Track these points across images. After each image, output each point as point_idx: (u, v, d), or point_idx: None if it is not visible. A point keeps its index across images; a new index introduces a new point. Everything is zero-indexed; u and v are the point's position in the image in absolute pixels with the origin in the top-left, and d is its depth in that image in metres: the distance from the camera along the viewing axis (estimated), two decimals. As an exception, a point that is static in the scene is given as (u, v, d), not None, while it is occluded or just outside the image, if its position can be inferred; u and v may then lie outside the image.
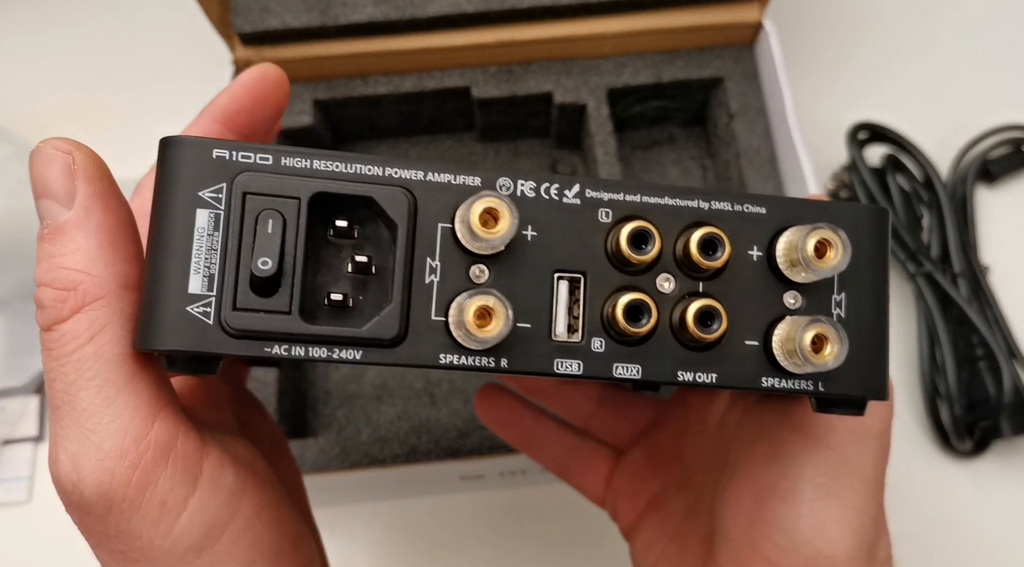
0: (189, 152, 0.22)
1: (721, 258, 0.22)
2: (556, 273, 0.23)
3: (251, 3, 0.48)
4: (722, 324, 0.22)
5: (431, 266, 0.22)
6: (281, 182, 0.22)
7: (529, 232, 0.23)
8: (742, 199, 0.23)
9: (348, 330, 0.22)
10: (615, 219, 0.23)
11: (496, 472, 0.47)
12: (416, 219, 0.22)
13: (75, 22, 0.62)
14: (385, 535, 0.50)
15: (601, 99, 0.50)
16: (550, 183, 0.23)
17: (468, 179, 0.22)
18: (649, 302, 0.22)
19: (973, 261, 0.52)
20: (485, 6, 0.48)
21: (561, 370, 0.22)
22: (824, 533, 0.27)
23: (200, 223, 0.21)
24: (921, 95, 0.59)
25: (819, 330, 0.22)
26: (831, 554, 0.27)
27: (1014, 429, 0.49)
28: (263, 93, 0.29)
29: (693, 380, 0.23)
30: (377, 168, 0.22)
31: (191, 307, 0.21)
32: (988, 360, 0.48)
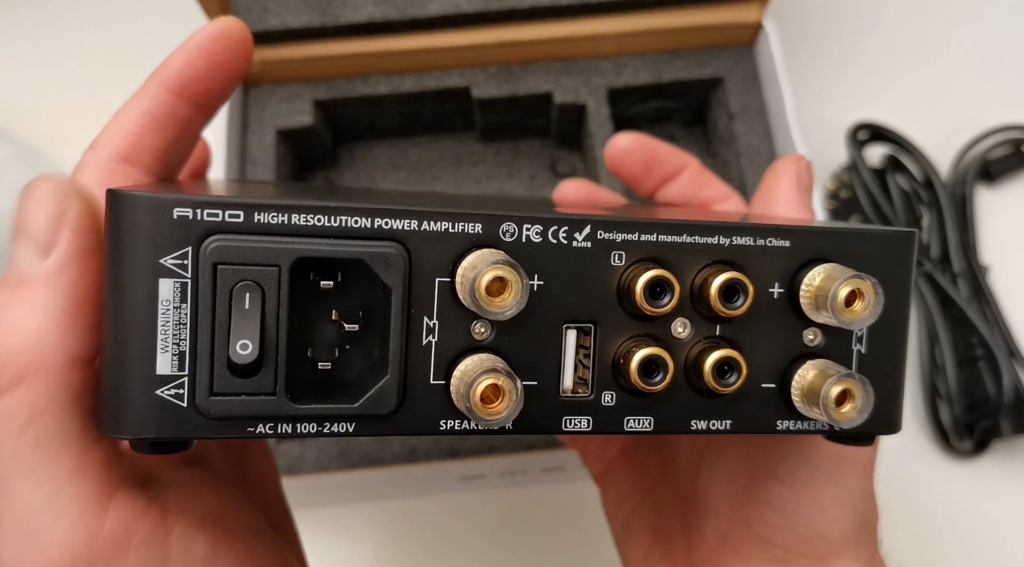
0: (146, 212, 0.18)
1: (743, 306, 0.21)
2: (565, 323, 0.21)
3: (251, 3, 0.48)
4: (741, 375, 0.21)
5: (428, 325, 0.20)
6: (256, 247, 0.19)
7: (536, 281, 0.20)
8: (765, 233, 0.21)
9: (341, 407, 0.20)
10: (629, 262, 0.21)
11: (496, 472, 0.47)
12: (411, 276, 0.20)
13: (76, 22, 0.62)
14: (385, 535, 0.50)
15: (601, 99, 0.50)
16: (558, 225, 0.20)
17: (468, 226, 0.20)
18: (665, 357, 0.20)
19: (973, 261, 0.52)
20: (485, 6, 0.48)
21: (570, 428, 0.21)
22: (822, 516, 0.27)
23: (164, 295, 0.19)
24: (921, 95, 0.59)
25: (847, 386, 0.20)
26: (828, 535, 0.27)
27: (1014, 429, 0.49)
28: (222, 55, 0.24)
29: (707, 428, 0.22)
30: (366, 220, 0.19)
31: (161, 390, 0.19)
32: (988, 360, 0.48)
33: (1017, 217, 0.55)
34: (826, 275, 0.21)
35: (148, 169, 0.25)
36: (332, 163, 0.55)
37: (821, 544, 0.27)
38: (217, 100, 0.26)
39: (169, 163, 0.26)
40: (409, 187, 0.54)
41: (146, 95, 0.24)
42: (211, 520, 0.23)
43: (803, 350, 0.22)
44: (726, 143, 0.51)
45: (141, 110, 0.24)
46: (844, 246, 0.22)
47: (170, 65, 0.24)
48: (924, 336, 0.51)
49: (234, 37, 0.24)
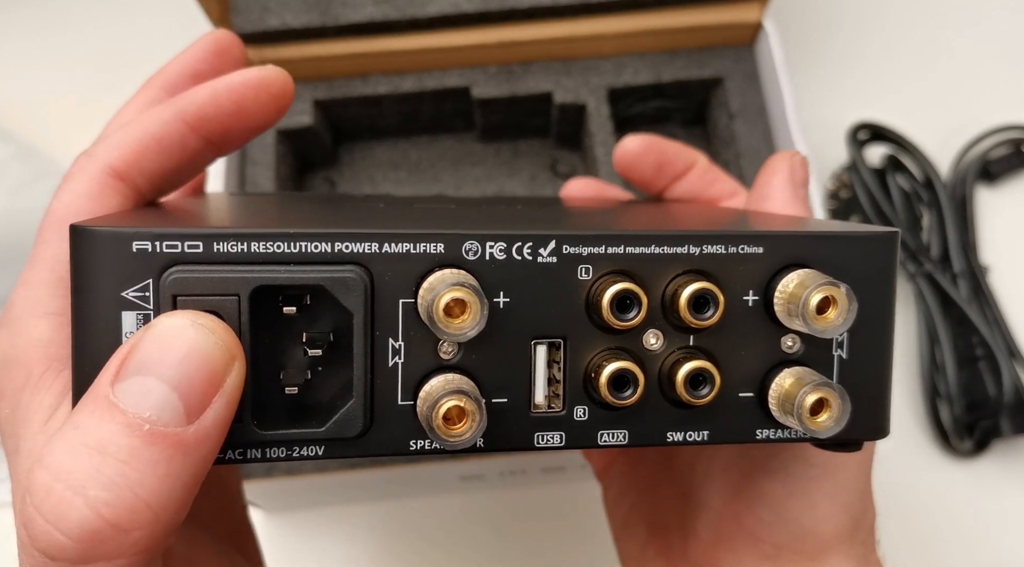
0: (106, 247, 0.18)
1: (713, 317, 0.20)
2: (533, 340, 0.20)
3: (251, 3, 0.48)
4: (715, 386, 0.21)
5: (394, 347, 0.20)
6: (215, 278, 0.19)
7: (501, 299, 0.20)
8: (737, 240, 0.21)
9: (307, 432, 0.20)
10: (596, 275, 0.20)
11: (496, 472, 0.47)
12: (374, 298, 0.19)
13: (76, 22, 0.62)
14: (385, 535, 0.50)
15: (601, 99, 0.50)
16: (523, 241, 0.20)
17: (430, 246, 0.19)
18: (635, 370, 0.20)
19: (973, 261, 0.52)
20: (485, 6, 0.48)
21: (542, 444, 0.21)
22: (815, 512, 0.27)
23: (128, 327, 0.19)
24: (921, 95, 0.59)
25: (822, 395, 0.20)
26: (820, 532, 0.27)
27: (1014, 429, 0.49)
28: (254, 105, 0.23)
29: (684, 440, 0.21)
30: (326, 244, 0.19)
31: None
32: (988, 360, 0.48)
33: (1017, 217, 0.55)
34: (799, 282, 0.20)
35: (138, 189, 0.24)
36: (332, 163, 0.55)
37: (812, 542, 0.27)
38: (234, 144, 0.25)
39: (163, 188, 0.25)
40: (409, 188, 0.54)
41: (159, 118, 0.24)
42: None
43: (781, 358, 0.21)
44: (726, 143, 0.51)
45: (149, 132, 0.24)
46: (820, 251, 0.21)
47: (193, 97, 0.24)
48: (924, 336, 0.51)
49: (273, 89, 0.23)
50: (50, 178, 0.53)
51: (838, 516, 0.27)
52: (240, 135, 0.24)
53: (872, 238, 0.21)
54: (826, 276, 0.20)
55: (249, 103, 0.24)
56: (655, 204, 0.35)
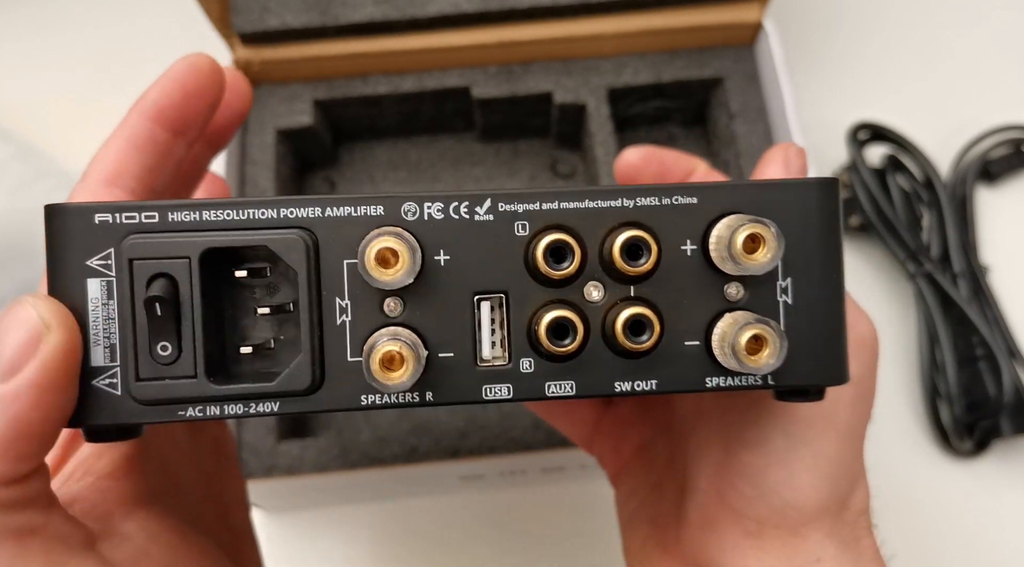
0: (71, 220, 0.20)
1: (647, 263, 0.21)
2: (476, 295, 0.21)
3: (251, 3, 0.48)
4: (654, 332, 0.21)
5: (341, 306, 0.21)
6: (167, 243, 0.20)
7: (442, 256, 0.21)
8: (670, 191, 0.22)
9: (259, 386, 0.21)
10: (533, 231, 0.21)
11: (496, 472, 0.47)
12: (319, 259, 0.21)
13: (76, 22, 0.62)
14: (385, 535, 0.50)
15: (601, 99, 0.50)
16: (459, 201, 0.21)
17: (370, 209, 0.21)
18: (574, 318, 0.21)
19: (973, 261, 0.52)
20: (485, 6, 0.48)
21: (490, 396, 0.21)
22: (793, 483, 0.27)
23: (93, 293, 0.20)
24: (921, 95, 0.59)
25: (755, 331, 0.20)
26: (800, 504, 0.27)
27: (1014, 429, 0.49)
28: (194, 87, 0.27)
29: (632, 389, 0.22)
30: (271, 211, 0.21)
31: (97, 381, 0.21)
32: (988, 360, 0.48)
33: (1017, 217, 0.55)
34: (727, 224, 0.21)
35: (132, 191, 0.26)
36: (332, 163, 0.55)
37: (794, 515, 0.27)
38: (194, 127, 0.28)
39: (155, 187, 0.27)
40: (409, 187, 0.54)
41: (127, 124, 0.27)
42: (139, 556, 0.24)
43: (725, 306, 0.22)
44: (726, 143, 0.51)
45: (122, 137, 0.27)
46: (755, 198, 0.22)
47: (147, 96, 0.27)
48: (924, 336, 0.51)
49: (203, 70, 0.27)
50: (50, 178, 0.53)
51: (818, 488, 0.27)
52: (196, 116, 0.27)
53: (807, 185, 0.22)
54: (751, 215, 0.21)
55: (190, 85, 0.27)
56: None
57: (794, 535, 0.27)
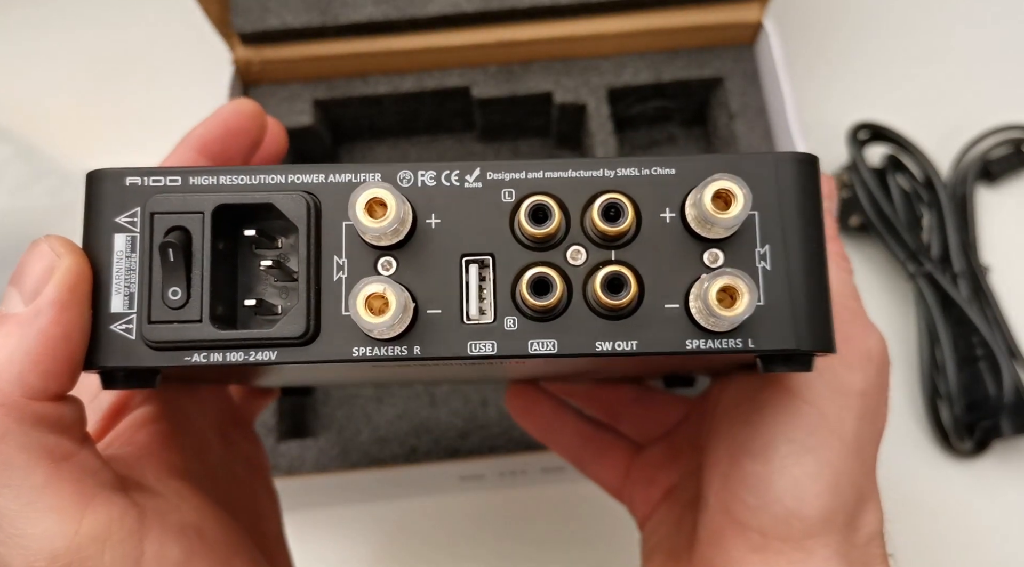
0: (106, 183, 0.23)
1: (625, 224, 0.22)
2: (464, 257, 0.23)
3: (251, 3, 0.48)
4: (631, 289, 0.22)
5: (338, 263, 0.23)
6: (186, 199, 0.22)
7: (433, 220, 0.23)
8: (649, 163, 0.23)
9: (258, 332, 0.22)
10: (519, 197, 0.23)
11: (496, 472, 0.47)
12: (320, 220, 0.23)
13: (76, 22, 0.62)
14: (385, 535, 0.50)
15: (601, 99, 0.50)
16: (450, 169, 0.23)
17: (369, 175, 0.23)
18: (554, 275, 0.22)
19: (973, 261, 0.52)
20: (485, 6, 0.48)
21: (475, 351, 0.22)
22: (796, 491, 0.27)
23: (118, 247, 0.23)
24: (921, 95, 0.59)
25: (725, 282, 0.21)
26: (804, 514, 0.27)
27: (1014, 429, 0.49)
28: (236, 126, 0.30)
29: (612, 349, 0.22)
30: (280, 176, 0.23)
31: (115, 326, 0.22)
32: (988, 360, 0.48)
33: (1017, 217, 0.55)
34: (699, 185, 0.22)
35: None
36: (332, 163, 0.54)
37: (797, 525, 0.27)
38: (235, 161, 0.31)
39: None
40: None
41: (175, 155, 0.30)
42: (190, 530, 0.25)
43: (704, 270, 0.22)
44: (726, 143, 0.51)
45: (169, 163, 0.29)
46: (732, 168, 0.22)
47: (194, 131, 0.30)
48: (924, 336, 0.51)
49: (244, 113, 0.30)
50: (50, 178, 0.53)
51: (823, 498, 0.26)
52: (238, 151, 0.30)
53: (784, 156, 0.23)
54: (721, 173, 0.21)
55: (233, 125, 0.30)
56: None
57: (799, 550, 0.27)
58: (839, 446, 0.27)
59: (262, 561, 0.29)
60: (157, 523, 0.24)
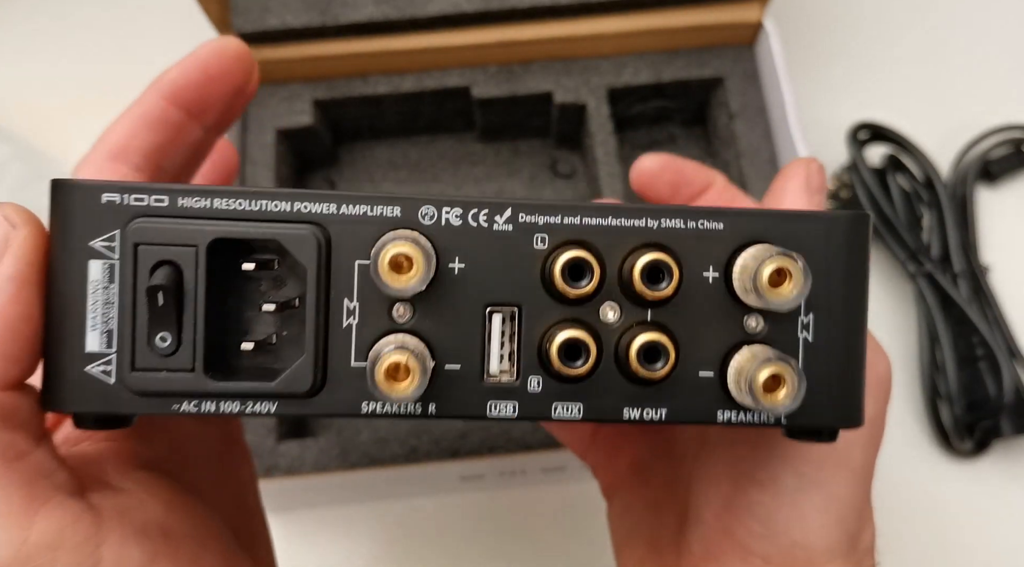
0: (77, 197, 0.20)
1: (667, 289, 0.20)
2: (488, 307, 0.21)
3: (251, 3, 0.48)
4: (669, 360, 0.20)
5: (348, 308, 0.20)
6: (176, 229, 0.20)
7: (456, 264, 0.20)
8: (697, 215, 0.21)
9: (258, 385, 0.20)
10: (552, 245, 0.20)
11: (496, 472, 0.47)
12: (330, 258, 0.20)
13: (75, 21, 0.62)
14: (385, 535, 0.50)
15: (601, 99, 0.50)
16: (479, 208, 0.20)
17: (387, 209, 0.20)
18: (587, 339, 0.20)
19: (973, 261, 0.52)
20: (485, 6, 0.48)
21: (494, 413, 0.21)
22: (804, 524, 0.26)
23: (94, 275, 0.20)
24: (921, 95, 0.59)
25: (775, 370, 0.20)
26: (809, 545, 0.26)
27: (1014, 429, 0.49)
28: (218, 69, 0.26)
29: (640, 417, 0.21)
30: (285, 203, 0.20)
31: (90, 367, 0.20)
32: (988, 360, 0.48)
33: (1017, 217, 0.55)
34: (753, 254, 0.20)
35: (137, 167, 0.26)
36: (332, 163, 0.55)
37: (802, 555, 0.26)
38: (212, 112, 0.27)
39: (163, 166, 0.27)
40: (409, 187, 0.54)
41: (141, 100, 0.26)
42: (153, 528, 0.24)
43: (743, 338, 0.21)
44: (726, 143, 0.51)
45: (134, 113, 0.26)
46: (783, 229, 0.21)
47: (166, 75, 0.26)
48: (924, 336, 0.51)
49: (229, 53, 0.26)
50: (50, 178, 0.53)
51: (829, 529, 0.26)
52: (215, 101, 0.27)
53: (840, 219, 0.21)
54: (779, 247, 0.20)
55: (213, 68, 0.26)
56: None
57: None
58: (847, 477, 0.26)
59: (237, 551, 0.28)
60: (116, 525, 0.22)
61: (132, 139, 0.26)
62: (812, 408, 0.21)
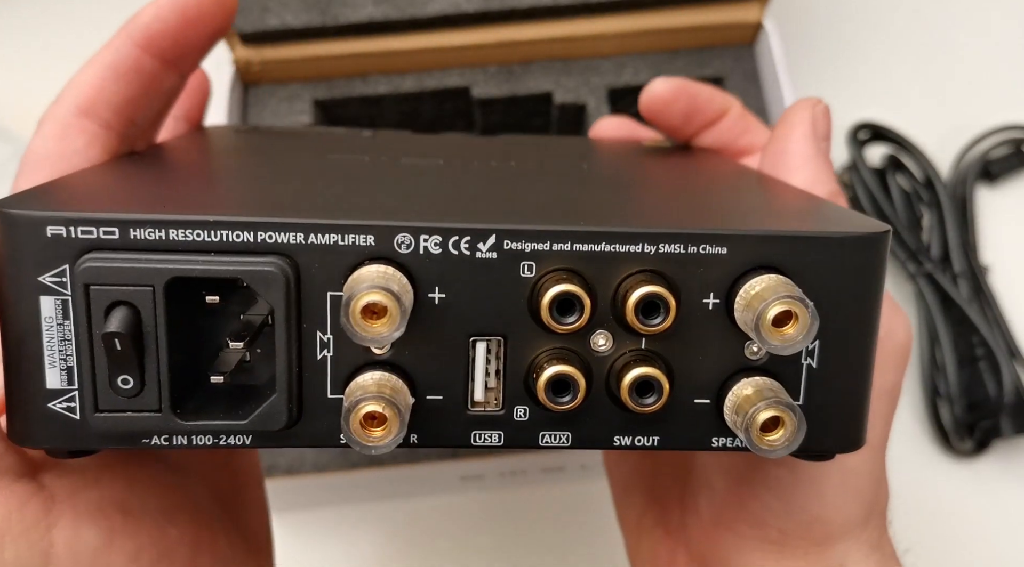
0: (22, 231, 0.18)
1: (663, 324, 0.19)
2: (471, 337, 0.19)
3: (251, 3, 0.48)
4: (663, 395, 0.19)
5: (322, 340, 0.19)
6: (128, 268, 0.18)
7: (437, 294, 0.19)
8: (698, 240, 0.19)
9: (230, 424, 0.19)
10: (540, 272, 0.19)
11: (496, 472, 0.47)
12: (300, 290, 0.19)
13: (76, 21, 0.62)
14: (385, 535, 0.50)
15: (601, 99, 0.50)
16: (460, 236, 0.19)
17: (359, 239, 0.18)
18: (576, 375, 0.19)
19: (973, 261, 0.52)
20: (485, 6, 0.48)
21: (479, 442, 0.20)
22: (823, 501, 0.26)
23: (46, 312, 0.18)
24: (921, 95, 0.59)
25: (776, 413, 0.19)
26: (828, 519, 0.26)
27: (1014, 429, 0.49)
28: (197, 11, 0.24)
29: (631, 444, 0.20)
30: (247, 233, 0.18)
31: (53, 404, 0.19)
32: (988, 360, 0.48)
33: (1017, 217, 0.55)
34: (758, 292, 0.19)
35: (107, 124, 0.24)
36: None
37: (820, 529, 0.26)
38: (190, 58, 0.25)
39: (135, 119, 0.25)
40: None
41: (110, 48, 0.24)
42: (111, 506, 0.23)
43: (744, 364, 0.20)
44: (726, 143, 0.51)
45: (104, 63, 0.24)
46: (791, 253, 0.19)
47: (138, 19, 0.24)
48: (924, 336, 0.51)
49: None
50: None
51: (849, 503, 0.26)
52: (193, 48, 0.24)
53: (854, 240, 0.19)
54: (791, 287, 0.18)
55: (192, 11, 0.24)
56: (667, 160, 0.33)
57: (819, 547, 0.26)
58: (867, 452, 0.26)
59: (217, 520, 0.27)
60: (69, 508, 0.21)
61: (101, 92, 0.24)
62: (812, 434, 0.20)
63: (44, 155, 0.23)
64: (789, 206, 0.23)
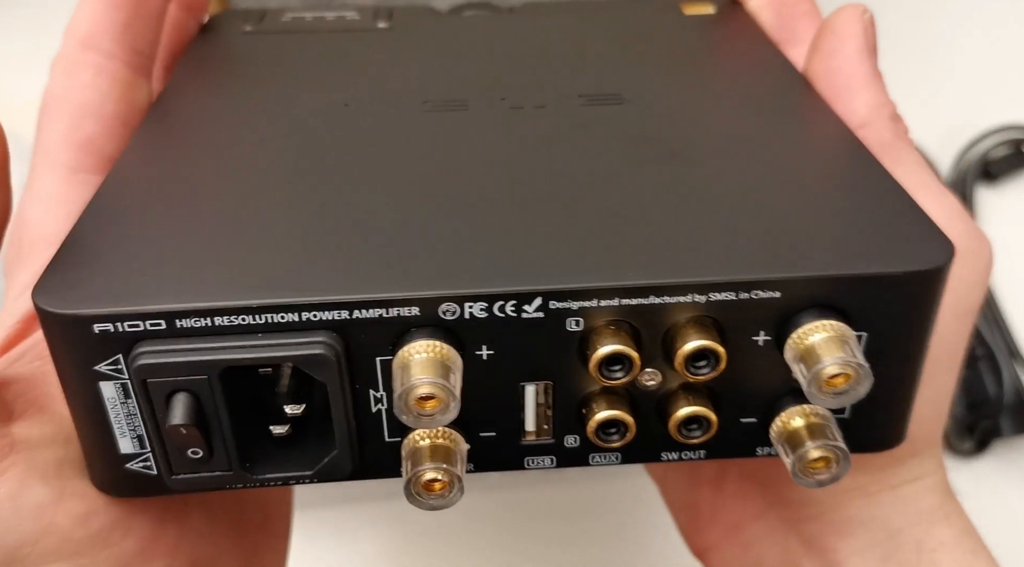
0: (68, 330, 0.18)
1: (712, 373, 0.19)
2: (521, 383, 0.20)
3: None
4: (711, 429, 0.20)
5: (376, 396, 0.20)
6: (181, 360, 0.18)
7: (484, 352, 0.19)
8: (750, 287, 0.18)
9: (298, 474, 0.20)
10: (587, 326, 0.19)
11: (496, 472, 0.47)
12: (350, 362, 0.19)
13: (75, 22, 0.62)
14: (385, 535, 0.50)
15: (601, 99, 0.50)
16: (505, 300, 0.18)
17: (403, 310, 0.18)
18: (626, 418, 0.20)
19: (973, 261, 0.52)
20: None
21: (532, 466, 0.21)
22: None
23: (108, 394, 0.19)
24: (921, 95, 0.59)
25: (825, 454, 0.19)
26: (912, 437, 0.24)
27: (1014, 429, 0.49)
28: None
29: (679, 458, 0.21)
30: (293, 315, 0.18)
31: (130, 465, 0.20)
32: (988, 360, 0.48)
33: (1017, 217, 0.55)
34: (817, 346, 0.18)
35: (110, 54, 0.25)
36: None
37: (905, 445, 0.25)
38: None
39: (136, 46, 0.26)
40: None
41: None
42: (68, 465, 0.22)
43: (791, 386, 0.20)
44: (726, 143, 0.51)
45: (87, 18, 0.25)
46: (846, 293, 0.19)
47: None
48: (924, 336, 0.51)
49: None
50: (50, 178, 0.53)
51: (932, 420, 0.25)
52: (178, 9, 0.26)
53: (913, 280, 0.19)
54: (848, 346, 0.18)
55: None
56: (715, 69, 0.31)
57: (899, 464, 0.26)
58: (949, 368, 0.25)
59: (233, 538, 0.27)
60: (22, 459, 0.20)
61: (97, 23, 0.25)
62: (851, 439, 0.20)
63: (58, 95, 0.26)
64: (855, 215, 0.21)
